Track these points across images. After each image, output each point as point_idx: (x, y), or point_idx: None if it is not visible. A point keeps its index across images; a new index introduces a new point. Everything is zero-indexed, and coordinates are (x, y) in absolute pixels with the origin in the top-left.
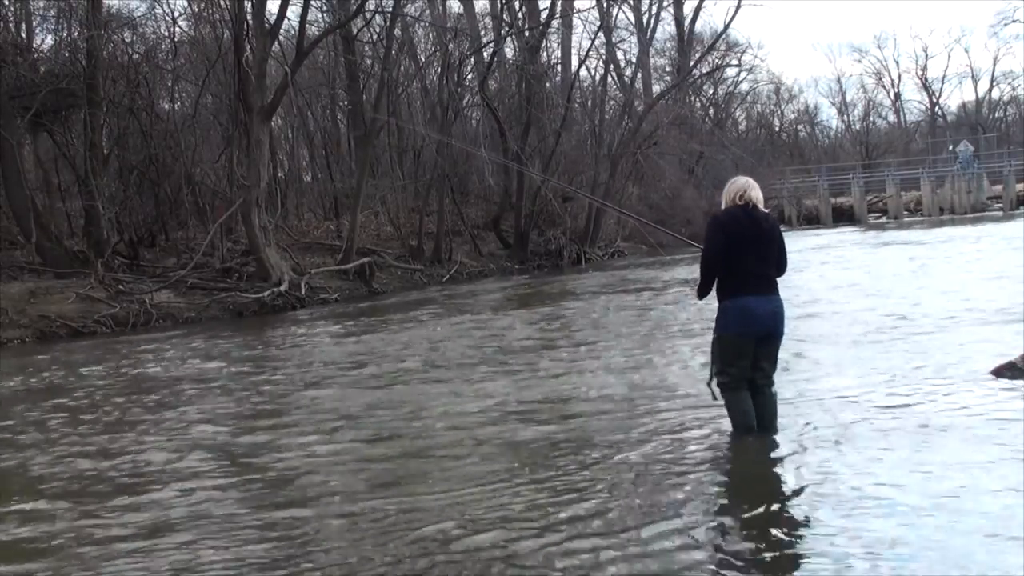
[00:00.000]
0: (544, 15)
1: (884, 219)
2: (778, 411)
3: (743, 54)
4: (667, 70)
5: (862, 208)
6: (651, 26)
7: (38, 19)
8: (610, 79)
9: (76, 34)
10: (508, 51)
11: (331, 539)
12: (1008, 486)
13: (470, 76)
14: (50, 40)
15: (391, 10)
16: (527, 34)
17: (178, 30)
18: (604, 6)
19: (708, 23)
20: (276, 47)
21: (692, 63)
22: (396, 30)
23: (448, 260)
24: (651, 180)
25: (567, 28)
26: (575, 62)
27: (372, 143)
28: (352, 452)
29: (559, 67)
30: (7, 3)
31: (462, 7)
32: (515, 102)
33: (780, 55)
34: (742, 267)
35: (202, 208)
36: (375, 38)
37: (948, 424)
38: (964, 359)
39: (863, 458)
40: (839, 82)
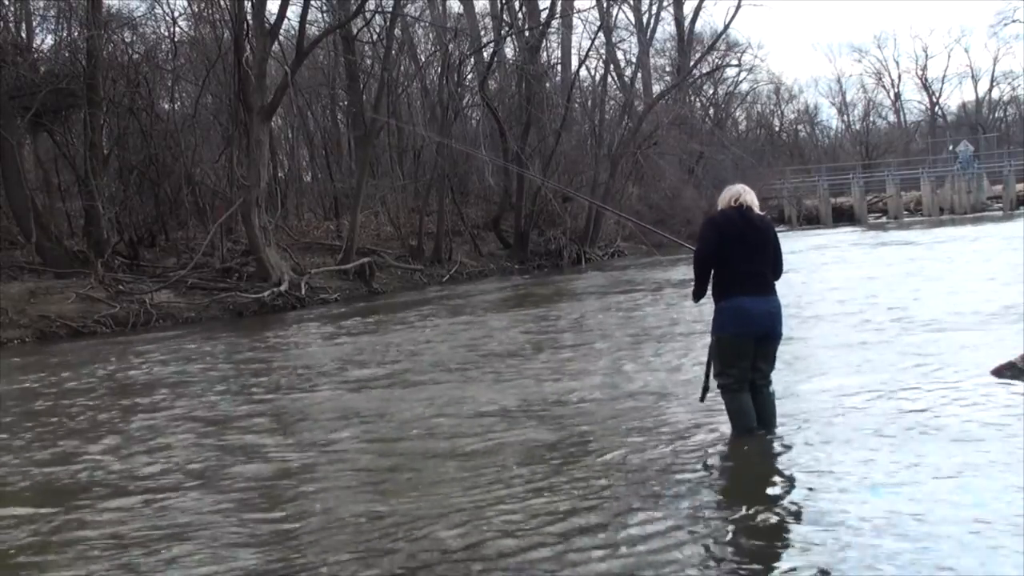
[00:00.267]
0: (544, 15)
1: (884, 219)
2: (776, 411)
3: (743, 54)
4: (667, 70)
5: (862, 208)
6: (651, 26)
7: (38, 19)
8: (610, 79)
9: (76, 34)
10: (508, 51)
11: (322, 546)
12: (1008, 486)
13: (470, 76)
14: (50, 40)
15: (391, 10)
16: (527, 34)
17: (178, 30)
18: (604, 6)
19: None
20: (276, 47)
21: (692, 63)
22: (396, 30)
23: (448, 260)
24: (651, 180)
25: (567, 28)
26: (575, 62)
27: (372, 143)
28: (338, 457)
29: (559, 67)
30: (7, 3)
31: (462, 7)
32: (515, 102)
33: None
34: (738, 267)
35: (202, 208)
36: (375, 38)
37: (948, 424)
38: (964, 359)
39: (863, 458)
40: (839, 82)
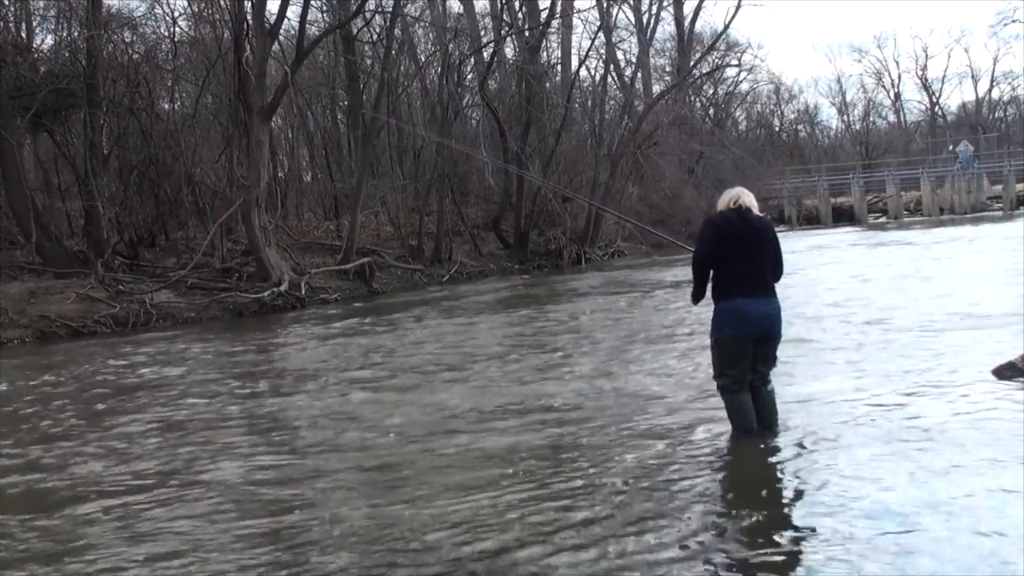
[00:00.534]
0: (544, 15)
1: (884, 219)
2: (777, 411)
3: (743, 54)
4: (667, 70)
5: (862, 208)
6: (651, 26)
7: (38, 19)
8: (610, 79)
9: (76, 34)
10: (508, 51)
11: (308, 553)
12: (1009, 487)
13: (470, 76)
14: (50, 40)
15: (391, 10)
16: (527, 34)
17: (178, 30)
18: (604, 6)
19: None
20: (276, 47)
21: (692, 63)
22: (396, 30)
23: (448, 260)
24: (651, 180)
25: (567, 28)
26: (575, 62)
27: (372, 143)
28: (318, 463)
29: (559, 67)
30: (7, 3)
31: (462, 7)
32: (515, 102)
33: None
34: (736, 268)
35: (202, 208)
36: (375, 38)
37: (948, 424)
38: (964, 359)
39: (863, 459)
40: (839, 82)
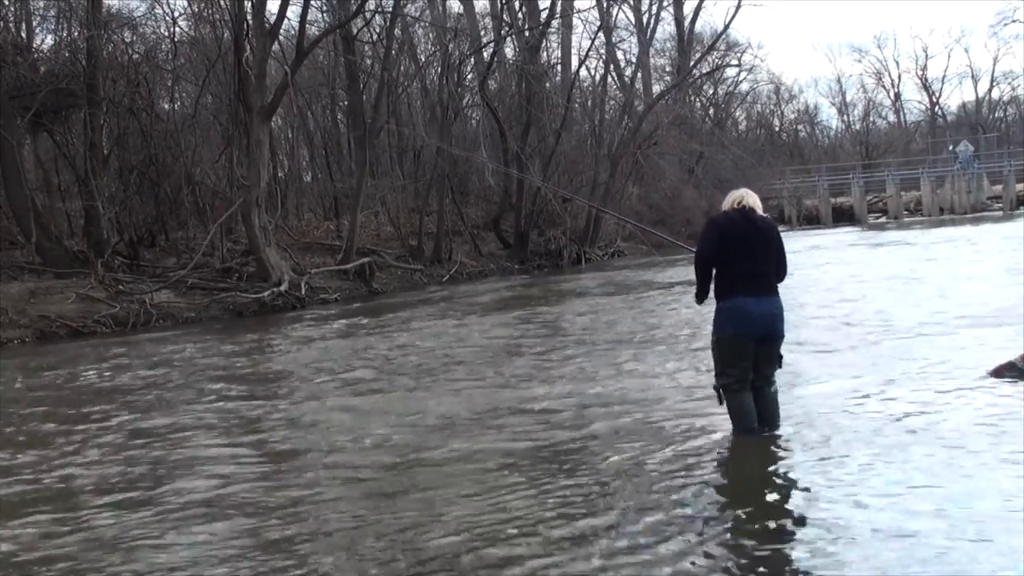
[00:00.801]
0: (544, 15)
1: (884, 219)
2: (779, 412)
3: (743, 54)
4: (667, 70)
5: (862, 208)
6: (651, 26)
7: (38, 19)
8: (610, 79)
9: (76, 34)
10: (508, 51)
11: (297, 563)
12: (1009, 487)
13: (470, 76)
14: (50, 40)
15: (391, 10)
16: (527, 34)
17: (178, 30)
18: (604, 6)
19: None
20: (276, 47)
21: (692, 63)
22: (396, 30)
23: (448, 260)
24: (651, 180)
25: (567, 28)
26: (575, 62)
27: (372, 143)
28: (292, 469)
29: (559, 67)
30: (7, 3)
31: (462, 7)
32: (515, 102)
33: (780, 55)
34: (739, 268)
35: (202, 208)
36: (375, 38)
37: (948, 424)
38: (964, 360)
39: (862, 460)
40: (839, 82)
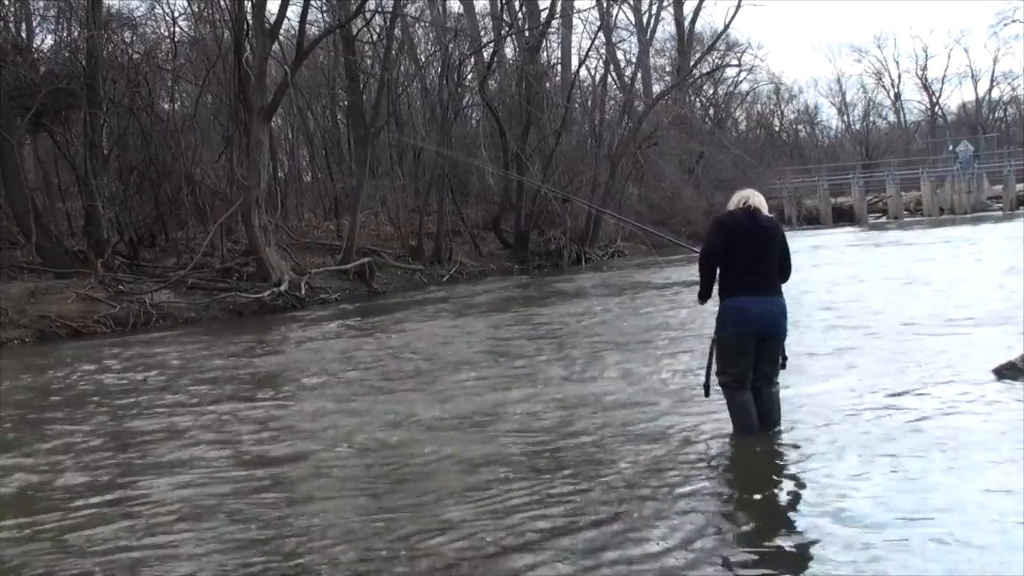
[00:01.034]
0: (544, 15)
1: (884, 219)
2: (781, 413)
3: (743, 54)
4: (667, 70)
5: (862, 208)
6: (651, 26)
7: (38, 19)
8: (610, 79)
9: (76, 34)
10: (508, 51)
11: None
12: (1009, 487)
13: (470, 76)
14: (50, 40)
15: (391, 10)
16: (527, 34)
17: (178, 30)
18: (604, 6)
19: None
20: (276, 47)
21: (692, 63)
22: (396, 30)
23: (448, 260)
24: (651, 180)
25: (567, 28)
26: (575, 62)
27: (372, 143)
28: (281, 474)
29: (559, 67)
30: (7, 3)
31: (462, 7)
32: (515, 102)
33: (780, 55)
34: (743, 267)
35: (202, 208)
36: (375, 38)
37: (948, 425)
38: (964, 360)
39: (863, 459)
40: (839, 82)
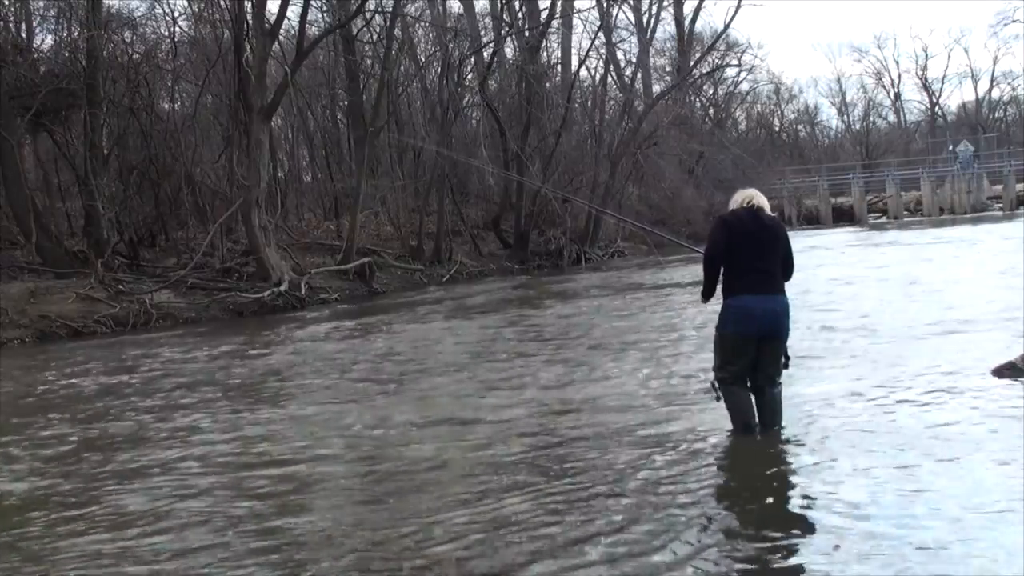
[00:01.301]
0: (544, 15)
1: (884, 219)
2: (782, 413)
3: (743, 54)
4: (667, 70)
5: (862, 208)
6: (651, 26)
7: (38, 19)
8: (610, 79)
9: (76, 34)
10: (508, 51)
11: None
12: (1008, 486)
13: (470, 76)
14: (50, 40)
15: (391, 10)
16: (527, 34)
17: (178, 30)
18: (604, 6)
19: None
20: (276, 47)
21: (692, 63)
22: (396, 30)
23: (448, 260)
24: (651, 180)
25: (567, 28)
26: (575, 62)
27: (372, 143)
28: (257, 481)
29: (559, 67)
30: (7, 3)
31: (462, 7)
32: (515, 102)
33: (780, 55)
34: (746, 266)
35: (202, 208)
36: (375, 38)
37: (948, 425)
38: (963, 360)
39: (862, 459)
40: (839, 82)
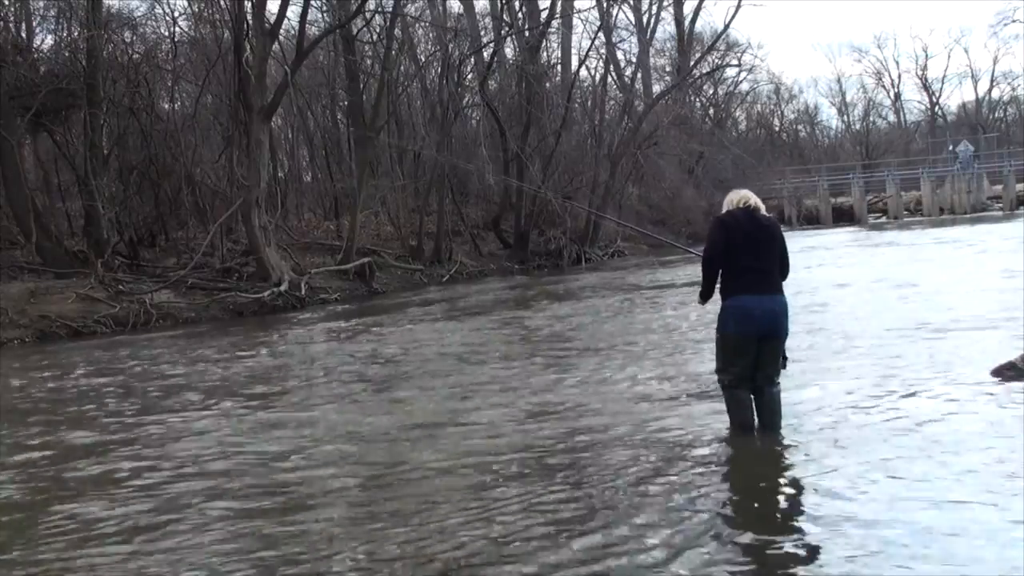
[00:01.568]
0: (544, 15)
1: (884, 219)
2: (781, 413)
3: (743, 54)
4: (667, 70)
5: (862, 208)
6: (651, 26)
7: (38, 19)
8: (610, 79)
9: (76, 34)
10: (508, 51)
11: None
12: (1009, 486)
13: (470, 76)
14: (50, 40)
15: (391, 10)
16: (527, 34)
17: (178, 30)
18: (604, 6)
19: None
20: (276, 47)
21: (692, 63)
22: (396, 30)
23: (448, 260)
24: (651, 180)
25: (567, 28)
26: (575, 62)
27: (372, 143)
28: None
29: (559, 67)
30: (7, 3)
31: (462, 7)
32: (515, 102)
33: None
34: (744, 266)
35: (202, 208)
36: (375, 38)
37: (948, 425)
38: (964, 360)
39: (862, 459)
40: (839, 82)
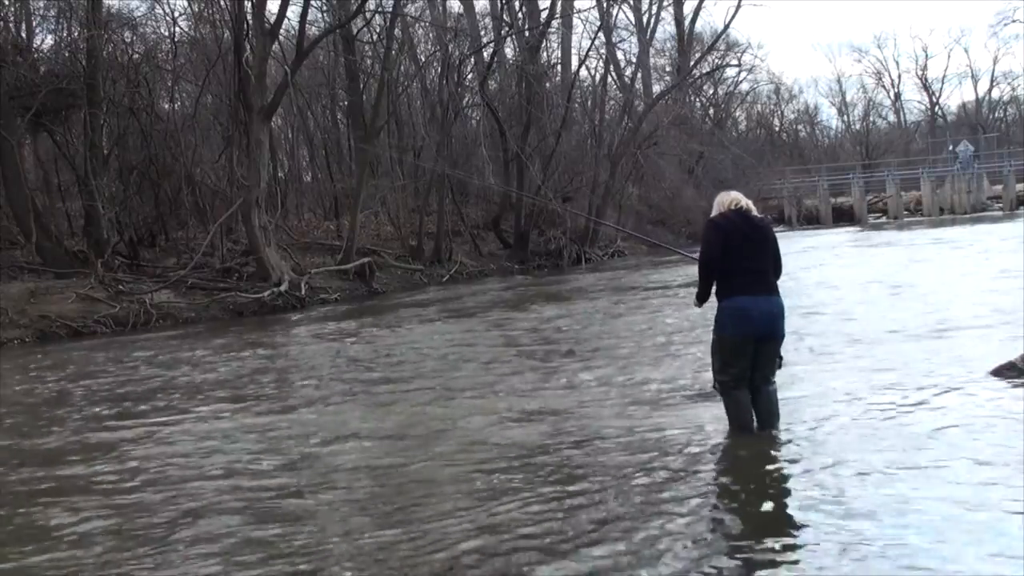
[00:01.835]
0: (544, 15)
1: (884, 219)
2: (779, 412)
3: (743, 54)
4: (667, 70)
5: (862, 208)
6: (651, 26)
7: (38, 19)
8: (610, 79)
9: (76, 34)
10: (508, 51)
11: None
12: (1009, 486)
13: (470, 76)
14: (50, 40)
15: (391, 10)
16: (527, 34)
17: (178, 30)
18: (604, 6)
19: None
20: (276, 47)
21: (692, 63)
22: (396, 30)
23: (448, 260)
24: (651, 180)
25: (567, 28)
26: (575, 62)
27: (373, 143)
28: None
29: (559, 67)
30: (7, 3)
31: (462, 7)
32: (515, 102)
33: (780, 55)
34: (740, 267)
35: (202, 208)
36: (375, 38)
37: (948, 425)
38: (964, 359)
39: (862, 460)
40: (839, 82)
